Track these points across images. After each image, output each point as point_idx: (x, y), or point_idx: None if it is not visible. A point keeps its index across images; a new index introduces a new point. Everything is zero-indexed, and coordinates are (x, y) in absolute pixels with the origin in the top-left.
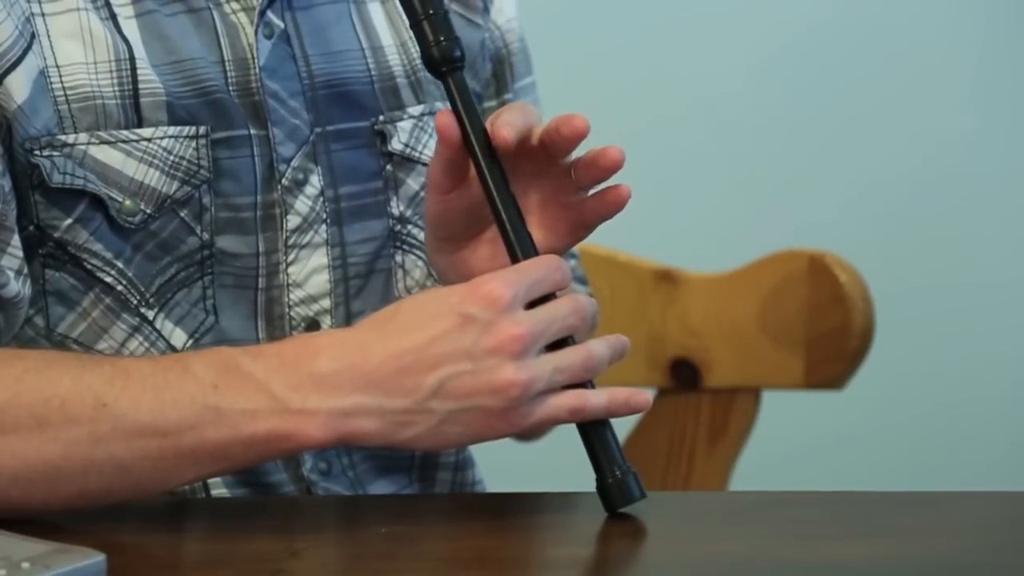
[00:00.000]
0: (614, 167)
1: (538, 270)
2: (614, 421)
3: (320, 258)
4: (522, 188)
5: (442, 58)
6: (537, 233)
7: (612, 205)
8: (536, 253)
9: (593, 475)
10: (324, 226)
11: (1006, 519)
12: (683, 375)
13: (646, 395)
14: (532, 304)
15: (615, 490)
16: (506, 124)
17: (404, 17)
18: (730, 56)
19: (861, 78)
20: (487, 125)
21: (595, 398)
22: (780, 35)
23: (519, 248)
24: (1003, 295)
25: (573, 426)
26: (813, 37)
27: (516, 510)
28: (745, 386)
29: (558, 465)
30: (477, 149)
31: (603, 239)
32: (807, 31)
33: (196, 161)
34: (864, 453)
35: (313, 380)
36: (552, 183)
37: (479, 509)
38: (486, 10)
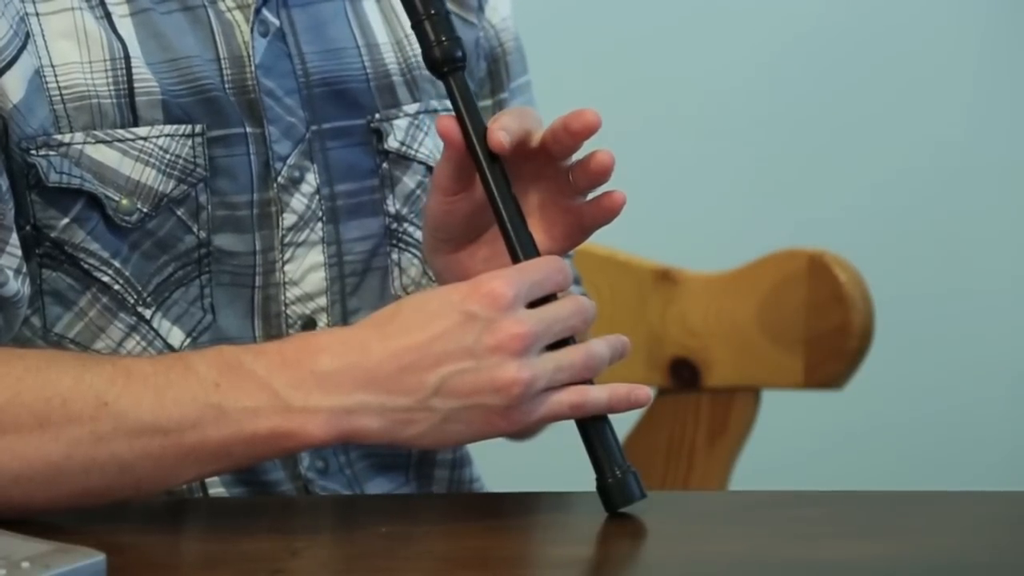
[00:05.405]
0: (604, 171)
1: (540, 270)
2: (614, 420)
3: (316, 256)
4: (521, 190)
5: (444, 58)
6: (535, 235)
7: (607, 211)
8: (538, 254)
9: (593, 475)
10: (320, 224)
11: (1006, 519)
12: (683, 375)
13: (646, 390)
14: (533, 304)
15: (615, 490)
16: (501, 129)
17: (399, 15)
18: (730, 57)
19: (861, 79)
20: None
21: (596, 393)
22: (780, 36)
23: (520, 248)
24: (1003, 295)
25: (572, 425)
26: (814, 38)
27: (516, 509)
28: (745, 386)
29: (557, 465)
30: (479, 149)
31: (603, 239)
32: (808, 32)
33: (192, 159)
34: (864, 453)
35: (315, 378)
36: (551, 185)
37: (479, 509)
38: (480, 9)
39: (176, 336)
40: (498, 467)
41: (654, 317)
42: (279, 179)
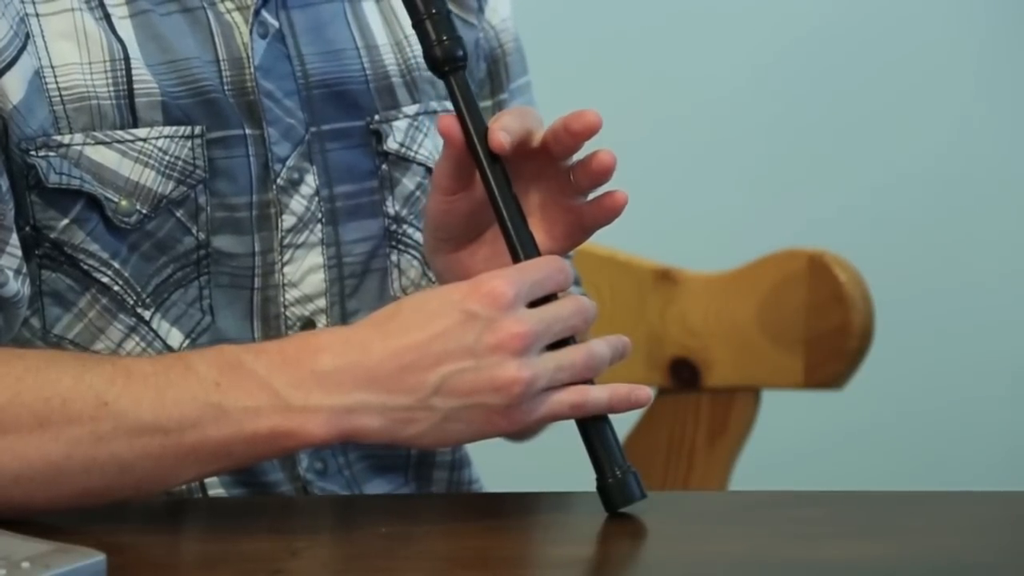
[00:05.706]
0: (605, 171)
1: (540, 270)
2: (614, 420)
3: (315, 258)
4: (522, 190)
5: (444, 57)
6: (535, 235)
7: (609, 211)
8: (538, 253)
9: (593, 475)
10: (319, 225)
11: (1006, 519)
12: (683, 375)
13: (647, 390)
14: (533, 304)
15: (615, 490)
16: (502, 129)
17: (399, 16)
18: (731, 57)
19: (862, 79)
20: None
21: (596, 393)
22: (781, 36)
23: (521, 248)
24: (1003, 295)
25: (572, 425)
26: (814, 39)
27: (515, 510)
28: (745, 386)
29: (557, 465)
30: (479, 149)
31: (603, 239)
32: (808, 33)
33: (192, 161)
34: (864, 453)
35: (315, 377)
36: (552, 185)
37: (479, 509)
38: (480, 9)
39: (175, 337)
40: (498, 467)
41: (654, 317)
42: (278, 181)
